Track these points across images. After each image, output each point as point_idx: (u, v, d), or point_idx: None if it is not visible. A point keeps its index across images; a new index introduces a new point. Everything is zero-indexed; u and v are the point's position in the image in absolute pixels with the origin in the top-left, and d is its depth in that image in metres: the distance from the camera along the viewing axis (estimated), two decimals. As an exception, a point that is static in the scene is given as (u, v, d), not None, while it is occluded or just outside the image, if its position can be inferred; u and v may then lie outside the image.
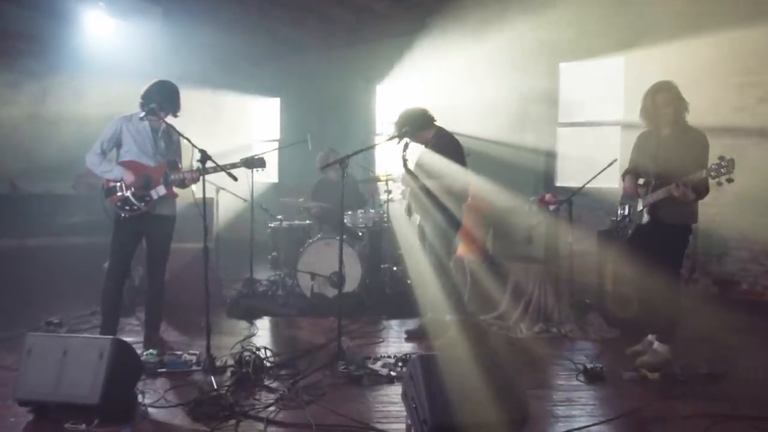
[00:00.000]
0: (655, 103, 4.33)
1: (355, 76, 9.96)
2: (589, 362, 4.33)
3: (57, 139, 9.47)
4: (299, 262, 6.24)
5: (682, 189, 3.97)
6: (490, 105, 7.97)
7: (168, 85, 4.61)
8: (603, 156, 8.14)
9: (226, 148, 6.77)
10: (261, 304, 6.18)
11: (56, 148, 9.27)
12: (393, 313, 5.89)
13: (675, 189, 4.00)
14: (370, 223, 6.61)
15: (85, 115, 8.47)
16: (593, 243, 5.61)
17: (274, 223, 6.75)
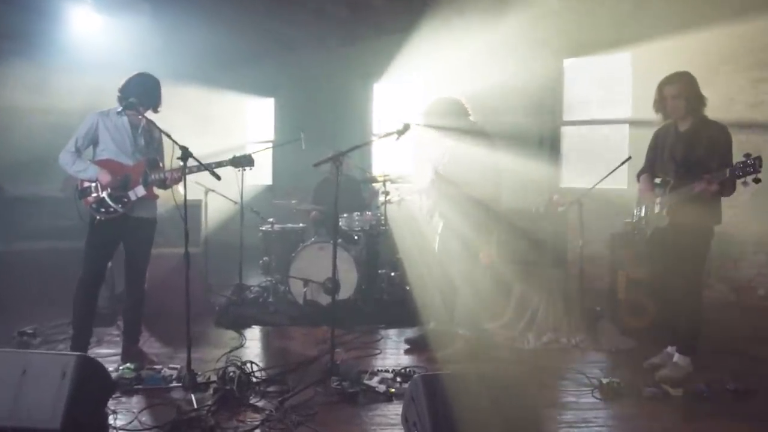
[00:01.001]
0: (663, 95, 4.00)
1: (351, 74, 9.64)
2: (604, 376, 3.98)
3: (44, 139, 9.12)
4: (291, 267, 5.89)
5: (706, 186, 3.62)
6: (491, 103, 7.62)
7: (148, 78, 4.27)
8: (610, 156, 7.85)
9: (219, 148, 6.44)
10: (251, 312, 5.83)
11: (43, 149, 8.92)
12: (391, 321, 5.54)
13: (698, 187, 3.66)
14: (367, 226, 6.26)
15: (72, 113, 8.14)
16: (605, 247, 5.27)
17: (265, 227, 6.40)
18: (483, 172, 4.31)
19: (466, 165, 4.35)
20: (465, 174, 4.37)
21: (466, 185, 4.35)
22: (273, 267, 6.27)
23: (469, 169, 4.33)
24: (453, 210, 4.47)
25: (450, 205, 4.46)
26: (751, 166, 3.48)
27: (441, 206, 4.61)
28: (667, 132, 4.15)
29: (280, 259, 6.26)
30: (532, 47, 7.45)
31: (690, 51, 6.41)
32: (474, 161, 4.29)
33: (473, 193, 4.32)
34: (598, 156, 7.78)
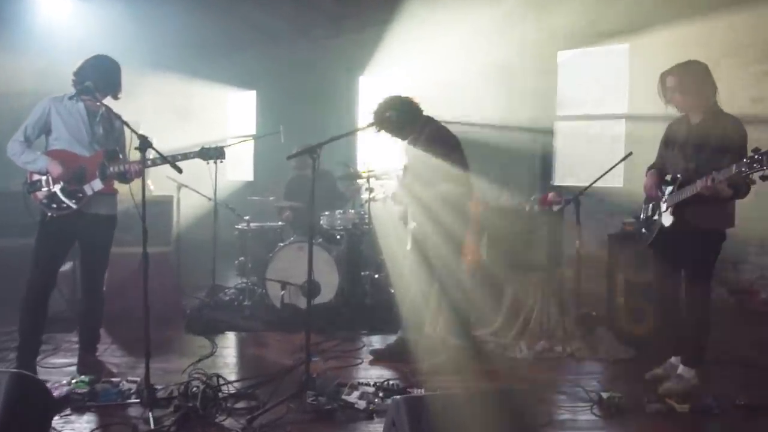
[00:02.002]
0: (665, 86, 3.68)
1: (336, 67, 9.25)
2: (603, 390, 3.65)
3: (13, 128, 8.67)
4: (269, 268, 5.52)
5: (712, 185, 3.30)
6: (481, 97, 7.31)
7: (105, 60, 3.87)
8: (606, 152, 7.54)
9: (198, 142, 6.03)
10: (224, 316, 5.45)
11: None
12: (374, 327, 5.19)
13: (703, 185, 3.33)
14: (349, 224, 5.90)
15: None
16: (602, 248, 4.96)
17: (241, 225, 6.01)
18: (444, 171, 4.00)
19: (426, 164, 4.07)
20: (427, 173, 4.08)
21: (429, 185, 4.08)
22: (249, 268, 5.89)
23: (433, 167, 4.03)
24: (421, 210, 4.16)
25: (417, 206, 4.17)
26: (758, 162, 3.13)
27: (411, 207, 4.31)
28: (680, 125, 3.83)
29: (256, 259, 5.89)
30: (523, 39, 7.12)
31: (690, 42, 6.09)
32: (432, 160, 4.01)
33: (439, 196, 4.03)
34: (591, 153, 7.48)
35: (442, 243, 4.04)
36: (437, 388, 3.53)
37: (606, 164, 4.82)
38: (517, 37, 7.13)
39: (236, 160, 12.06)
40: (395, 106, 4.13)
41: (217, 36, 9.60)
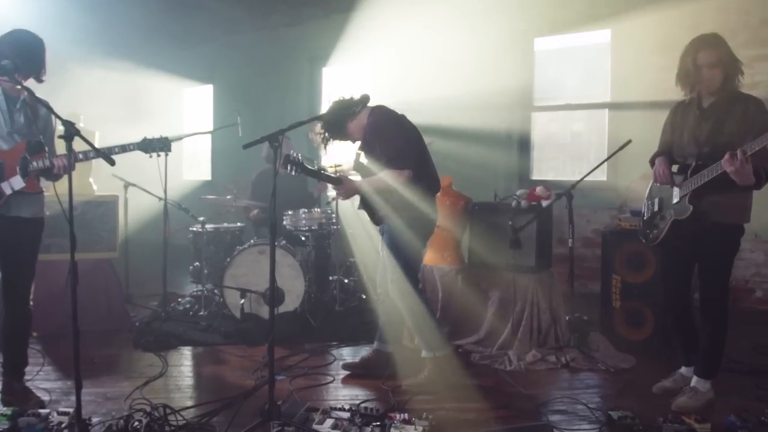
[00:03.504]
0: (698, 63, 3.24)
1: (297, 58, 8.71)
2: (611, 408, 3.21)
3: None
4: (226, 274, 4.97)
5: (743, 158, 2.86)
6: (453, 87, 6.85)
7: (25, 35, 3.28)
8: (586, 145, 7.17)
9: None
10: (178, 329, 4.87)
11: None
12: (345, 337, 4.68)
13: (729, 162, 2.89)
14: (315, 225, 5.37)
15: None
16: (588, 246, 4.55)
17: (195, 227, 5.44)
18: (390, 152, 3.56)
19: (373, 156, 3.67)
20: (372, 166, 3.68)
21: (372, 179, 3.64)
22: (205, 274, 5.33)
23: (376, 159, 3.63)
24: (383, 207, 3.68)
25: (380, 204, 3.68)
26: None
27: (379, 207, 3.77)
28: (688, 109, 3.41)
29: (213, 264, 5.34)
30: (499, 25, 6.70)
31: (677, 27, 5.75)
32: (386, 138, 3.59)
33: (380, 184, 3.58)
34: (571, 145, 7.11)
35: (397, 237, 3.61)
36: (423, 414, 3.03)
37: (582, 157, 4.40)
38: (492, 24, 6.71)
39: (193, 159, 11.44)
40: (328, 116, 3.72)
41: (170, 25, 8.97)
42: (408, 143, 3.61)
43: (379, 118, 3.66)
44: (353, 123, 3.71)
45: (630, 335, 4.30)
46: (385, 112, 3.71)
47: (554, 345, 4.22)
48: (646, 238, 3.52)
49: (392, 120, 3.67)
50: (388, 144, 3.53)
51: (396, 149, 3.52)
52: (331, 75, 8.58)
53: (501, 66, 6.72)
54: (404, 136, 3.62)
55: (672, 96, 5.89)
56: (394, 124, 3.65)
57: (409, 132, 3.67)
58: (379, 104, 3.72)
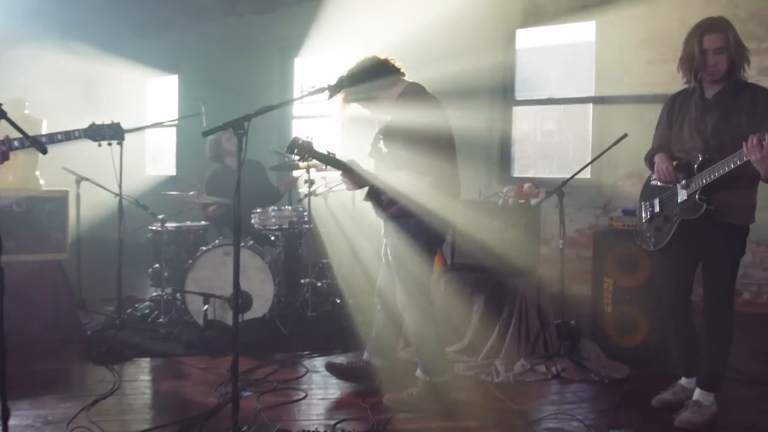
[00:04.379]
0: (703, 47, 2.96)
1: (267, 47, 8.29)
2: (610, 426, 2.93)
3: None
4: (188, 278, 4.58)
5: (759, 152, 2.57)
6: (429, 80, 6.48)
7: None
8: (569, 140, 6.94)
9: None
10: (134, 338, 4.47)
11: None
12: (318, 346, 4.34)
13: (756, 149, 2.59)
14: (285, 223, 5.00)
15: None
16: (578, 247, 4.29)
17: (154, 226, 5.03)
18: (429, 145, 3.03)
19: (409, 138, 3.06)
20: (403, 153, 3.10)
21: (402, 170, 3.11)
22: (165, 277, 4.92)
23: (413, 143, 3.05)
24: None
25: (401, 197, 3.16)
26: None
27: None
28: (687, 100, 3.14)
29: (174, 266, 4.94)
30: (478, 15, 6.39)
31: (664, 19, 5.53)
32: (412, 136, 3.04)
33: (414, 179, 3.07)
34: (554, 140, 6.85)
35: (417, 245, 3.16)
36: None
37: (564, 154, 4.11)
38: (471, 14, 6.40)
39: (157, 154, 10.97)
40: (360, 66, 3.19)
41: (132, 9, 8.49)
42: (439, 142, 3.08)
43: (413, 99, 3.11)
44: (387, 92, 3.16)
45: (622, 342, 4.03)
46: (422, 93, 3.17)
47: (543, 354, 3.93)
48: (645, 243, 3.24)
49: (428, 106, 3.09)
50: (416, 137, 2.98)
51: (423, 148, 2.97)
52: (303, 66, 8.19)
53: (481, 58, 6.41)
54: (436, 133, 3.06)
55: (659, 89, 5.73)
56: (430, 112, 3.05)
57: (442, 127, 3.16)
58: (414, 81, 3.23)
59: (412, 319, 3.24)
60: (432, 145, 3.04)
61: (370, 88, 3.14)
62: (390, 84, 3.19)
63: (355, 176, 3.14)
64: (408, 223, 3.14)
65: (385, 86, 3.17)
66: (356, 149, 4.70)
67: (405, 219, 3.14)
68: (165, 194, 5.08)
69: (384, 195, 3.17)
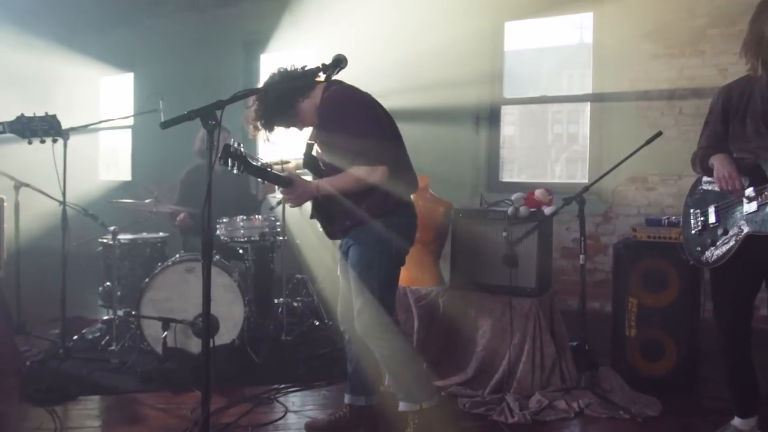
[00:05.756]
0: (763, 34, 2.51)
1: (231, 43, 7.66)
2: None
3: None
4: (144, 299, 3.94)
5: None
6: (410, 77, 6.00)
7: None
8: (563, 141, 6.50)
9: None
10: (81, 370, 3.82)
11: None
12: (296, 377, 3.75)
13: None
14: (256, 235, 4.37)
15: None
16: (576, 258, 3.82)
17: (105, 238, 4.37)
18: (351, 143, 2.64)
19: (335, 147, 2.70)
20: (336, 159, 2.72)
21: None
22: (118, 297, 4.27)
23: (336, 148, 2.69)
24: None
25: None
26: None
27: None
28: (749, 90, 2.66)
29: (128, 285, 4.30)
30: (465, 6, 5.90)
31: (668, 9, 5.12)
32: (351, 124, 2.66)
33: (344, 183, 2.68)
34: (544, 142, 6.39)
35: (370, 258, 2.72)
36: None
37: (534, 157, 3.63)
38: (454, 4, 5.90)
39: (111, 156, 10.23)
40: (271, 82, 2.77)
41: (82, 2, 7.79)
42: (382, 129, 2.70)
43: (340, 97, 2.72)
44: (305, 103, 2.76)
45: (647, 370, 3.55)
46: (347, 89, 2.78)
47: (560, 386, 3.41)
48: (695, 258, 2.75)
49: (358, 99, 2.76)
50: (356, 131, 2.62)
51: (367, 138, 2.62)
52: (270, 62, 7.57)
53: (466, 53, 5.92)
54: (376, 120, 2.72)
55: (665, 86, 5.30)
56: (361, 104, 2.74)
57: (381, 114, 2.77)
58: (336, 79, 2.73)
59: (381, 343, 2.72)
60: (376, 129, 2.68)
61: (286, 110, 2.76)
62: (308, 93, 2.76)
63: (295, 190, 2.67)
64: (372, 228, 2.69)
65: (303, 98, 2.76)
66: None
67: (367, 225, 2.69)
68: (116, 202, 4.42)
69: (336, 205, 2.71)
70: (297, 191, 2.67)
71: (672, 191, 5.10)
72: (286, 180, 2.65)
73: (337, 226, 2.80)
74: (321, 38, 6.68)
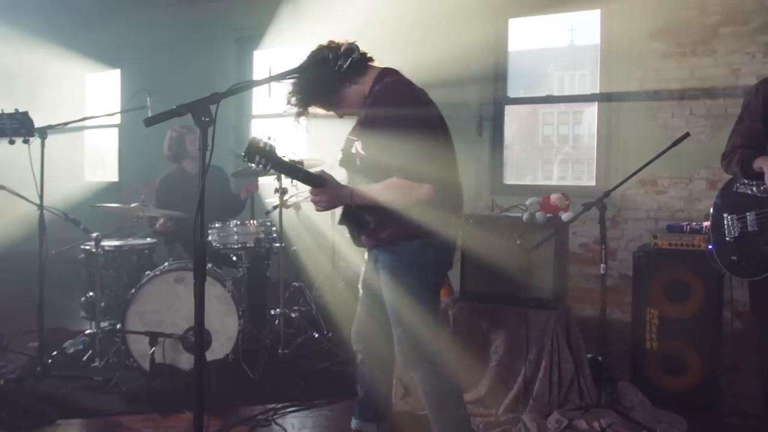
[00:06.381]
0: None
1: (222, 38, 7.37)
2: None
3: None
4: (129, 311, 3.68)
5: None
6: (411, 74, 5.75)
7: None
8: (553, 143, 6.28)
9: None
10: (60, 389, 3.54)
11: None
12: (295, 395, 3.50)
13: None
14: (251, 241, 4.13)
15: None
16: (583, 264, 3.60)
17: (87, 245, 4.10)
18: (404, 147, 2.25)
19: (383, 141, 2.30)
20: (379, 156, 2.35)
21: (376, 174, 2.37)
22: (102, 309, 4.00)
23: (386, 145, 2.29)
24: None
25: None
26: None
27: None
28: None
29: (112, 296, 4.03)
30: (468, 2, 5.66)
31: (678, 6, 4.90)
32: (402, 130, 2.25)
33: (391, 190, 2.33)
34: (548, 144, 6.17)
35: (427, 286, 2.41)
36: None
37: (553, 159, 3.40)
38: (460, 1, 5.67)
39: (97, 157, 9.94)
40: (313, 59, 2.41)
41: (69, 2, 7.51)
42: (435, 138, 2.34)
43: (393, 92, 2.36)
44: (351, 89, 2.42)
45: (668, 385, 3.33)
46: (403, 84, 2.42)
47: (579, 403, 3.18)
48: (731, 268, 2.54)
49: (414, 98, 2.37)
50: (405, 137, 2.22)
51: (416, 147, 2.23)
52: (263, 59, 7.30)
53: (469, 50, 5.67)
54: (430, 128, 2.34)
55: (676, 85, 5.08)
56: (417, 106, 2.33)
57: (436, 120, 2.41)
58: (390, 68, 2.46)
59: (425, 376, 2.44)
60: (429, 140, 2.29)
61: (329, 91, 2.41)
62: (354, 75, 2.41)
63: (327, 193, 2.33)
64: (408, 248, 2.38)
65: (351, 82, 2.41)
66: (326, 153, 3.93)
67: (404, 243, 2.38)
68: (99, 207, 4.13)
69: (370, 215, 2.41)
70: (328, 195, 2.33)
71: (683, 194, 4.89)
72: (318, 180, 2.31)
73: (369, 238, 2.48)
74: (318, 35, 6.40)
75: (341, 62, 2.30)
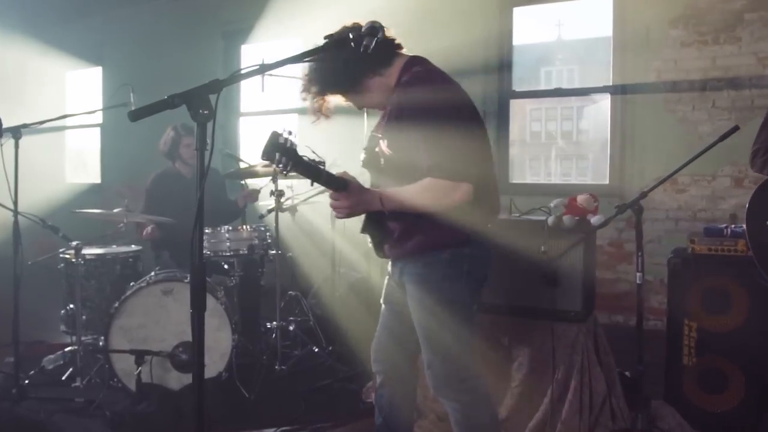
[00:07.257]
0: None
1: (208, 33, 7.04)
2: None
3: None
4: (113, 326, 3.34)
5: None
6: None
7: None
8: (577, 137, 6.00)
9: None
10: (38, 412, 3.21)
11: None
12: (296, 417, 3.19)
13: None
14: (244, 248, 3.81)
15: None
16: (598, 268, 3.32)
17: (68, 253, 3.75)
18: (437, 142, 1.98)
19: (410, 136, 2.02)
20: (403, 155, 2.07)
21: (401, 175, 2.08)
22: (83, 322, 3.66)
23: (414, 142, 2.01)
24: None
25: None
26: None
27: None
28: None
29: (95, 308, 3.69)
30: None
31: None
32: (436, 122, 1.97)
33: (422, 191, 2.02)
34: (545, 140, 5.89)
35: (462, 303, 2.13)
36: None
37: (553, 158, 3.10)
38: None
39: (78, 158, 9.56)
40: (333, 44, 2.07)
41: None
42: (472, 133, 2.07)
43: (426, 79, 2.09)
44: (376, 80, 2.14)
45: (708, 404, 3.05)
46: (434, 73, 2.14)
47: (612, 427, 2.89)
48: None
49: (447, 90, 2.10)
50: (439, 132, 1.96)
51: (452, 144, 1.96)
52: (251, 54, 6.97)
53: (470, 40, 5.36)
54: (467, 121, 2.08)
55: (697, 76, 4.78)
56: (451, 98, 2.07)
57: (473, 114, 2.13)
58: (418, 56, 2.19)
59: (455, 405, 2.16)
60: (466, 134, 2.01)
61: (352, 81, 2.13)
62: (380, 64, 2.13)
63: (349, 198, 2.02)
64: (439, 259, 2.08)
65: (375, 73, 2.13)
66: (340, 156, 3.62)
67: (434, 254, 2.09)
68: (79, 212, 3.78)
69: (394, 222, 2.12)
70: (350, 199, 2.03)
71: (705, 193, 4.62)
72: (341, 182, 2.01)
73: (393, 249, 2.17)
74: (308, 28, 6.08)
75: (366, 42, 1.98)
